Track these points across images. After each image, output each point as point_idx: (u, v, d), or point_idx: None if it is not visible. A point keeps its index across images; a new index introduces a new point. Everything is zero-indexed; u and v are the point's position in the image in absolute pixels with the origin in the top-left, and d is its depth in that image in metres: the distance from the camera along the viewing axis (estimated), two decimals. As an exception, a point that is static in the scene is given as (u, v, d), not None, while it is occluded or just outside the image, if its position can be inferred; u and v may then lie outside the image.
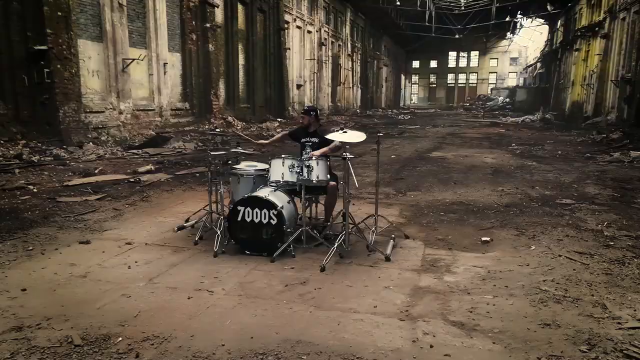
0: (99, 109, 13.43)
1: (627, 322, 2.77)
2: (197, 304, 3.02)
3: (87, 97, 12.94)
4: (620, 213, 5.49)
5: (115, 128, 13.88)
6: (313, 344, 2.52)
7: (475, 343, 2.55)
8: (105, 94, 13.96)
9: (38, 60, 10.79)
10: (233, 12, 21.02)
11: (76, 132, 12.04)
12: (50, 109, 11.44)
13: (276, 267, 3.71)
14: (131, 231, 4.70)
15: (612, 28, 25.96)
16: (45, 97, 11.40)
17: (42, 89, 11.07)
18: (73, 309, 2.92)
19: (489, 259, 3.94)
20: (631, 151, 11.35)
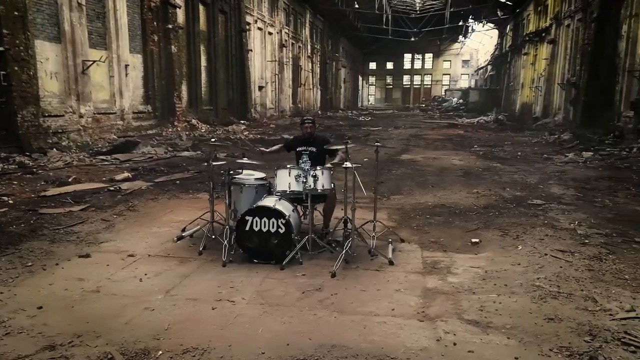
0: (59, 113, 12.94)
1: (618, 314, 3.12)
2: (223, 314, 3.11)
3: (46, 101, 12.46)
4: (587, 212, 6.00)
5: (75, 132, 13.41)
6: (347, 347, 2.68)
7: (492, 339, 2.81)
8: (65, 97, 13.45)
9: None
10: (194, 13, 20.73)
11: (35, 137, 11.56)
12: (8, 113, 10.93)
13: (287, 275, 3.84)
14: (129, 243, 4.66)
15: (558, 34, 27.64)
16: (2, 101, 10.88)
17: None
18: (100, 324, 2.93)
19: (482, 259, 4.25)
20: (583, 152, 12.25)
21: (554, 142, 15.57)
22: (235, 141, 15.56)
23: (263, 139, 16.72)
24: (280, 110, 30.95)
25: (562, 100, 26.18)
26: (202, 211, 5.80)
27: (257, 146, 6.13)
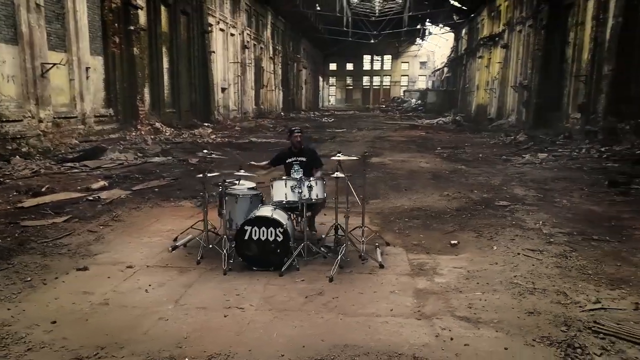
0: (17, 118, 12.54)
1: (586, 306, 3.56)
2: (236, 321, 3.31)
3: (3, 105, 12.07)
4: (548, 212, 6.57)
5: (35, 138, 13.01)
6: (358, 346, 2.96)
7: (483, 333, 3.17)
8: (23, 101, 13.03)
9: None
10: (156, 14, 20.41)
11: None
12: (-36, 118, 10.54)
13: (287, 281, 4.07)
14: (123, 254, 4.74)
15: (510, 39, 29.08)
16: (-44, 106, 10.46)
17: (-44, 98, 10.16)
18: (119, 336, 3.07)
19: (463, 260, 4.64)
20: (538, 153, 13.11)
21: (511, 143, 16.50)
22: (204, 145, 15.51)
23: (231, 142, 16.74)
24: (243, 112, 30.87)
25: (515, 102, 27.59)
26: (188, 219, 5.94)
27: (234, 151, 6.21)
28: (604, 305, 3.56)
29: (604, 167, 10.73)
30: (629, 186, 8.41)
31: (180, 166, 10.67)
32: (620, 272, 4.29)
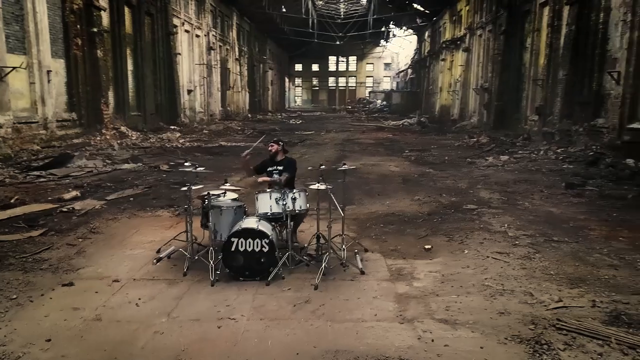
0: (-27, 124, 12.14)
1: (550, 305, 3.93)
2: (231, 331, 3.47)
3: (-42, 111, 11.66)
4: (512, 215, 7.01)
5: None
6: (348, 351, 3.19)
7: (461, 334, 3.46)
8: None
9: None
10: (120, 16, 20.04)
11: (-49, 151, 10.81)
12: None
13: (274, 290, 4.25)
14: (107, 267, 4.79)
15: (471, 43, 30.10)
16: None
17: None
18: (118, 351, 3.17)
19: (437, 264, 4.96)
20: (500, 155, 13.76)
21: (474, 145, 17.18)
22: (173, 150, 15.38)
23: (200, 146, 16.67)
24: (209, 114, 30.61)
25: (477, 104, 28.61)
26: (167, 230, 6.03)
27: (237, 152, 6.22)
28: (566, 304, 3.93)
29: (561, 169, 11.42)
30: (583, 188, 9.04)
31: (152, 173, 10.60)
32: (579, 271, 4.70)
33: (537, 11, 20.69)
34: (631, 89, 13.95)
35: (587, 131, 15.83)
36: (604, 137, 14.89)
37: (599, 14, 15.89)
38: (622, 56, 14.42)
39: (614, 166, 11.46)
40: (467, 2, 30.97)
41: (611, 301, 3.98)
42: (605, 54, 15.68)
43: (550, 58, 19.16)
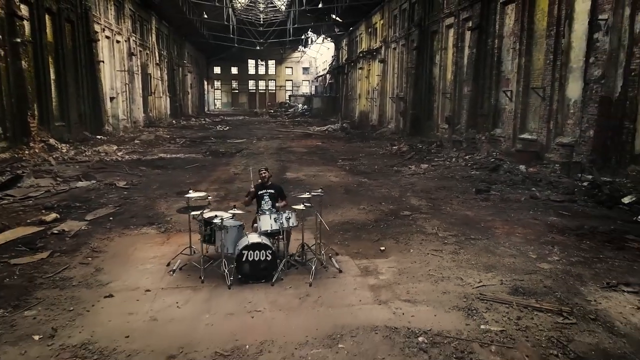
0: None
1: (474, 285, 5.76)
2: (262, 319, 4.82)
3: None
4: (439, 219, 8.97)
5: None
6: (351, 325, 4.69)
7: (420, 308, 5.13)
8: None
9: None
10: (41, 24, 19.68)
11: None
12: None
13: (279, 289, 5.63)
14: (132, 281, 5.82)
15: (387, 55, 32.88)
16: None
17: None
18: (185, 339, 4.38)
19: (393, 261, 6.63)
20: (421, 164, 16.07)
21: (396, 153, 19.48)
22: (115, 164, 15.71)
23: (140, 159, 17.11)
24: (133, 121, 30.29)
25: (393, 111, 31.44)
26: (162, 246, 7.14)
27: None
28: (484, 284, 5.79)
29: (470, 175, 13.87)
30: (489, 193, 11.39)
31: (111, 191, 11.23)
32: (491, 261, 6.65)
33: (444, 32, 23.64)
34: (521, 105, 17.01)
35: (488, 139, 18.81)
36: (501, 145, 17.89)
37: (494, 40, 18.94)
38: (514, 77, 17.48)
39: (511, 172, 14.18)
40: (381, 17, 33.77)
41: (512, 279, 5.91)
42: (500, 75, 18.77)
43: (456, 74, 22.13)
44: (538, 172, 13.86)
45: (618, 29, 12.35)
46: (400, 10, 29.71)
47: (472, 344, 4.34)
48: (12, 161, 15.39)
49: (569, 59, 14.57)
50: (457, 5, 21.70)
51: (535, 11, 16.41)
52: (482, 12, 19.25)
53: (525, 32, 16.64)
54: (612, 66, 12.46)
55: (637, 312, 5.03)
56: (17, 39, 17.27)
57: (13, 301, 5.15)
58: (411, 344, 4.34)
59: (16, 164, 14.63)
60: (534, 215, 9.21)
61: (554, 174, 13.39)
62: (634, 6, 11.91)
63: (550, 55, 15.17)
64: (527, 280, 5.89)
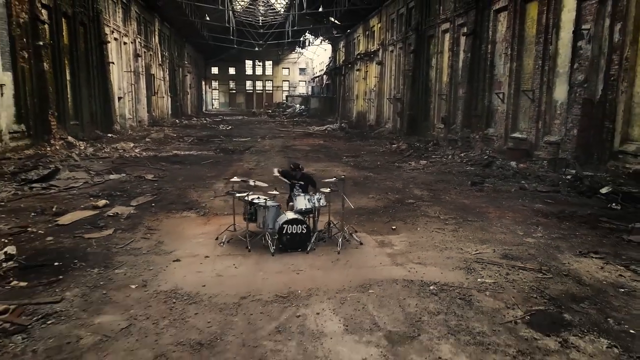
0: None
1: (472, 252, 7.12)
2: (306, 275, 6.12)
3: None
4: (440, 205, 10.33)
5: None
6: (376, 279, 6.01)
7: (429, 269, 6.47)
8: None
9: None
10: (58, 27, 20.88)
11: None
12: None
13: (314, 256, 6.94)
14: (191, 250, 7.09)
15: (384, 57, 34.26)
16: None
17: None
18: (248, 288, 5.67)
19: (403, 237, 7.98)
20: (420, 160, 17.45)
21: (396, 150, 20.86)
22: (136, 159, 16.92)
23: (156, 155, 18.32)
24: (138, 120, 31.44)
25: (391, 111, 32.84)
26: (205, 225, 8.43)
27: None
28: (480, 252, 7.15)
29: (465, 171, 15.27)
30: (482, 185, 12.78)
31: (142, 182, 12.47)
32: (485, 236, 8.01)
33: (440, 36, 25.08)
34: (512, 106, 18.46)
35: (482, 138, 20.24)
36: (494, 143, 19.34)
37: (487, 46, 20.39)
38: (505, 81, 18.93)
39: (502, 167, 15.60)
40: (379, 20, 35.19)
41: (502, 249, 7.28)
42: (493, 78, 20.22)
43: (452, 77, 23.57)
44: (527, 167, 15.29)
45: (599, 38, 13.81)
46: (397, 14, 31.13)
47: (471, 290, 5.69)
48: (38, 157, 16.56)
49: (556, 64, 16.04)
50: (453, 11, 23.15)
51: (526, 19, 17.87)
52: (477, 19, 20.68)
53: (516, 39, 18.10)
54: (594, 71, 13.92)
55: (600, 270, 6.41)
56: (39, 42, 18.47)
57: (102, 264, 6.41)
58: (424, 290, 5.68)
59: (43, 160, 15.81)
60: (522, 203, 10.62)
61: (542, 169, 14.83)
62: (613, 18, 13.37)
63: (539, 61, 16.63)
64: (515, 250, 7.27)
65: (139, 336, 4.48)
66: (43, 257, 6.60)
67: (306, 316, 4.95)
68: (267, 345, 4.36)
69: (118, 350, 4.22)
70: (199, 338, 4.46)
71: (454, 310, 5.13)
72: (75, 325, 4.68)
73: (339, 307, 5.17)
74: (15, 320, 4.68)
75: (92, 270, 6.16)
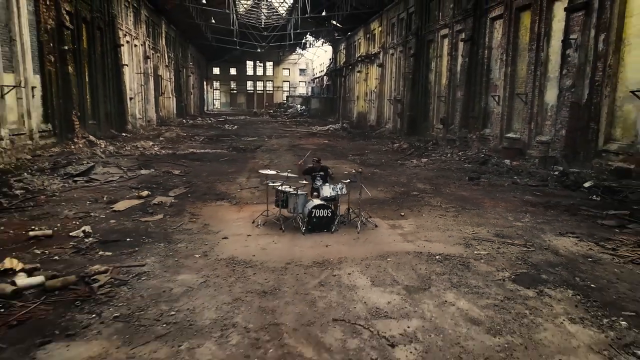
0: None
1: (470, 233, 8.58)
2: (334, 249, 7.56)
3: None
4: (441, 197, 11.79)
5: None
6: (392, 252, 7.46)
7: (434, 244, 7.92)
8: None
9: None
10: (79, 32, 22.19)
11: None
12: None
13: (337, 236, 8.37)
14: (234, 230, 8.51)
15: (385, 60, 35.72)
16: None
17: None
18: (288, 257, 7.09)
19: (411, 221, 9.43)
20: (421, 158, 18.91)
21: (398, 149, 22.33)
22: (156, 157, 18.30)
23: (175, 153, 19.71)
24: (147, 120, 32.78)
25: (391, 112, 34.30)
26: (239, 212, 9.84)
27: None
28: (476, 232, 8.61)
29: (463, 168, 16.75)
30: (479, 180, 14.25)
31: (171, 177, 13.87)
32: (481, 221, 9.47)
33: (439, 41, 26.57)
34: (507, 108, 19.95)
35: (479, 138, 21.73)
36: (490, 143, 20.83)
37: (484, 51, 21.88)
38: (501, 84, 20.43)
39: (498, 165, 17.09)
40: (380, 24, 36.67)
41: (495, 230, 8.74)
42: (489, 81, 21.72)
43: (450, 80, 25.06)
44: (520, 165, 16.79)
45: (585, 47, 15.31)
46: (398, 19, 32.62)
47: (469, 259, 7.15)
48: (66, 154, 17.93)
49: (547, 69, 17.55)
50: (452, 18, 24.64)
51: (520, 27, 19.38)
52: (474, 26, 22.18)
53: (511, 45, 19.61)
54: (581, 77, 15.43)
55: (575, 246, 7.88)
56: (64, 46, 19.84)
57: (164, 240, 7.83)
58: (431, 259, 7.13)
59: (72, 156, 17.18)
60: (514, 195, 12.11)
61: (533, 166, 16.33)
62: (597, 29, 14.87)
63: (531, 66, 18.13)
64: (505, 231, 8.73)
65: (215, 287, 5.91)
66: (114, 235, 8.00)
67: (340, 276, 6.39)
68: (315, 293, 5.79)
69: (203, 296, 5.64)
70: (261, 289, 5.89)
71: (456, 272, 6.59)
72: (163, 280, 6.10)
73: (365, 270, 6.61)
74: (116, 276, 6.09)
75: (159, 244, 7.58)
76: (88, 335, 4.68)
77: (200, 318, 5.07)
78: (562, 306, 5.52)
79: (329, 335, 4.75)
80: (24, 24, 17.15)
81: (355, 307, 5.40)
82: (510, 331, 4.89)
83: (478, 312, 5.33)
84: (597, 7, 14.78)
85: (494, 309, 5.42)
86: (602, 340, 4.75)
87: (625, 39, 14.20)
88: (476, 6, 21.92)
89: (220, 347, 4.50)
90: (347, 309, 5.36)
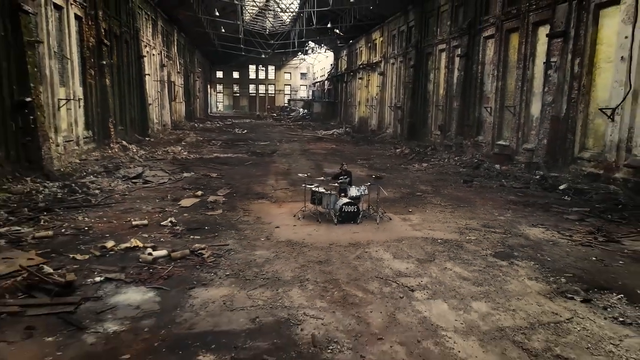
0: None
1: (463, 224, 11.29)
2: (361, 235, 10.23)
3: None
4: (441, 197, 14.51)
5: (56, 159, 17.54)
6: (406, 236, 10.15)
7: (437, 232, 10.62)
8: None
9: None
10: (112, 47, 24.72)
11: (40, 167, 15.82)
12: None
13: (362, 226, 11.04)
14: (280, 221, 11.15)
15: (386, 69, 38.46)
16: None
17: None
18: (331, 240, 9.76)
19: (417, 216, 12.13)
20: (422, 163, 21.66)
21: (400, 154, 25.08)
22: (188, 161, 20.88)
23: (202, 158, 22.34)
24: (162, 125, 35.33)
25: (392, 118, 37.05)
26: (279, 208, 12.49)
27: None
28: (468, 224, 11.32)
29: (459, 172, 19.51)
30: (472, 183, 17.01)
31: (211, 180, 16.49)
32: (473, 215, 12.19)
33: (437, 55, 29.34)
34: (498, 118, 22.73)
35: (473, 144, 24.50)
36: (483, 149, 23.61)
37: (478, 66, 24.67)
38: (492, 97, 23.21)
39: (489, 169, 19.85)
40: (381, 34, 39.42)
41: (483, 222, 11.46)
42: (482, 94, 24.50)
43: (447, 90, 27.84)
44: (508, 169, 19.56)
45: (563, 68, 18.10)
46: (398, 31, 35.39)
47: (462, 242, 9.85)
48: (107, 158, 20.50)
49: (533, 86, 20.34)
50: (449, 34, 27.42)
51: (509, 47, 22.17)
52: (469, 43, 24.95)
53: (502, 62, 22.39)
54: (560, 94, 18.20)
55: (542, 234, 10.61)
56: (102, 61, 22.43)
57: (232, 228, 10.47)
58: (435, 242, 9.83)
59: (113, 160, 19.75)
60: (500, 195, 14.86)
61: (519, 171, 19.10)
62: (573, 54, 17.66)
63: (519, 82, 20.92)
64: (491, 223, 11.46)
65: (285, 259, 8.57)
66: (193, 224, 10.64)
67: (370, 252, 9.08)
68: (355, 262, 8.47)
69: (279, 264, 8.30)
70: (317, 259, 8.57)
71: (452, 250, 9.29)
72: (247, 255, 8.75)
73: (387, 249, 9.31)
74: (213, 251, 8.74)
75: (230, 231, 10.24)
76: (215, 284, 7.33)
77: (283, 276, 7.74)
78: (525, 271, 8.24)
79: (370, 285, 7.44)
80: (73, 43, 19.75)
81: (384, 271, 8.09)
82: (488, 284, 7.61)
83: (468, 274, 8.03)
84: (573, 35, 17.56)
85: (478, 272, 8.13)
86: (547, 290, 7.46)
87: (597, 63, 16.98)
88: (471, 26, 24.70)
89: (303, 291, 7.17)
90: (379, 271, 8.05)
